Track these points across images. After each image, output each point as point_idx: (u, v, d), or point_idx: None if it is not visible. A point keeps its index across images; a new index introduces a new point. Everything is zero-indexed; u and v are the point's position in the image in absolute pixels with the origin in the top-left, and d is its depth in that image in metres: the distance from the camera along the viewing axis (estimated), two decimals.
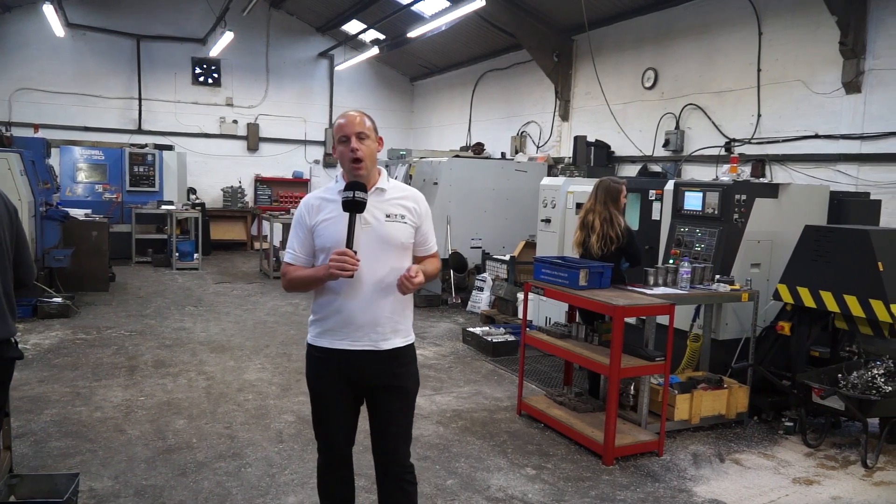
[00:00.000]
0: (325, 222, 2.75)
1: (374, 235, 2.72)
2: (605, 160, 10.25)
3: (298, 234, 2.82)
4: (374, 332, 2.75)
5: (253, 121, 15.90)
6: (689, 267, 5.35)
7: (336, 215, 2.71)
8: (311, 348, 2.87)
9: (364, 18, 14.06)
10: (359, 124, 2.73)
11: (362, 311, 2.73)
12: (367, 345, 2.75)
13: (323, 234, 2.75)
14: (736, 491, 4.26)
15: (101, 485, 4.00)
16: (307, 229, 2.80)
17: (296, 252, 2.82)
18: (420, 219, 2.86)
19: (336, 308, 2.75)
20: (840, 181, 7.10)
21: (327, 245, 2.72)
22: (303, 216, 2.83)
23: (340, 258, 2.56)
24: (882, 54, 6.83)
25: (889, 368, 4.95)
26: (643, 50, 9.87)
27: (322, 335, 2.81)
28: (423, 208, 2.89)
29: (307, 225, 2.80)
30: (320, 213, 2.78)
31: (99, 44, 14.43)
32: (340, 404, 2.85)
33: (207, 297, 9.75)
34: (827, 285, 5.09)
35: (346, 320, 2.74)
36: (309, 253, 2.81)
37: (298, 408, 5.40)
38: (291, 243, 2.85)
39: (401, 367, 2.83)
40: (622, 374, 4.59)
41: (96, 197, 12.82)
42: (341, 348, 2.76)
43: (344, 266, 2.55)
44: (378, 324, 2.75)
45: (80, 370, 6.18)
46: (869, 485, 4.41)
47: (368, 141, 2.74)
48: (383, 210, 2.76)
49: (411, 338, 2.90)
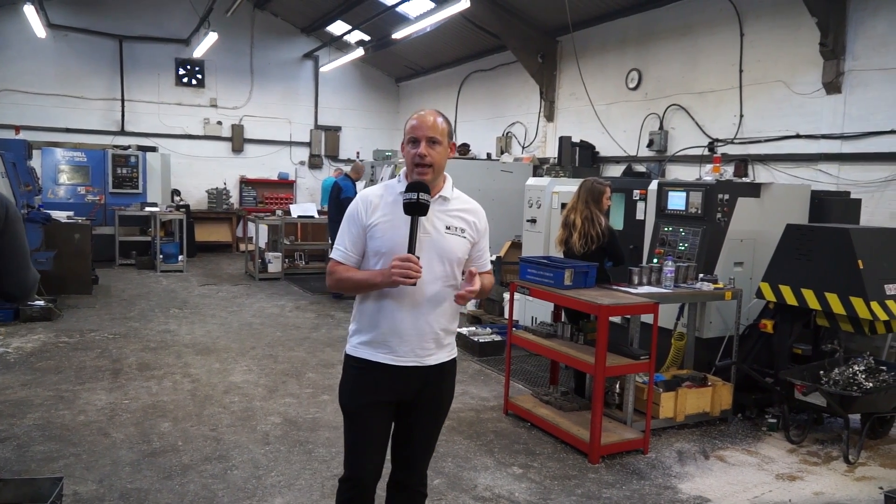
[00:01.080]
0: (383, 223, 2.55)
1: (431, 246, 2.54)
2: (589, 161, 10.31)
3: (351, 231, 2.61)
4: (420, 348, 2.59)
5: (237, 122, 15.82)
6: (673, 266, 5.40)
7: (395, 217, 2.52)
8: (350, 359, 2.67)
9: (349, 19, 14.04)
10: (431, 128, 2.52)
11: (411, 324, 2.56)
12: (412, 360, 2.59)
13: (379, 236, 2.55)
14: (720, 487, 4.30)
15: (86, 489, 3.97)
16: (362, 227, 2.59)
17: (347, 250, 2.62)
18: (479, 235, 2.70)
19: (384, 318, 2.57)
20: (821, 180, 7.19)
21: (383, 249, 2.53)
22: (358, 212, 2.61)
23: (405, 265, 2.37)
24: (861, 55, 6.93)
25: (870, 365, 5.02)
26: (627, 51, 9.94)
27: (365, 346, 2.62)
28: (483, 224, 2.73)
29: (362, 223, 2.58)
30: (377, 212, 2.57)
31: (81, 44, 14.30)
32: (377, 421, 2.65)
33: (192, 300, 9.69)
34: (808, 283, 5.15)
35: (394, 332, 2.56)
36: (359, 252, 2.62)
37: (285, 409, 5.38)
38: (342, 239, 2.63)
39: (444, 383, 2.70)
40: (607, 372, 4.62)
41: (79, 199, 12.69)
42: (384, 363, 2.58)
43: (409, 273, 2.37)
44: (425, 338, 2.59)
45: (64, 373, 6.13)
46: (851, 480, 4.47)
47: (439, 147, 2.54)
48: (443, 221, 2.59)
49: (455, 352, 2.75)
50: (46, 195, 12.10)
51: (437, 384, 2.67)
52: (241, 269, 12.71)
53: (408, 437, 2.72)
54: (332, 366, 6.60)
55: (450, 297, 2.61)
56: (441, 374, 2.67)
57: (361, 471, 2.69)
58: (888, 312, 4.90)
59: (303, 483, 4.14)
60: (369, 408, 2.63)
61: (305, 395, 5.73)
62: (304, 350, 7.20)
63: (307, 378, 6.21)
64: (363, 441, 2.67)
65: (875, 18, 6.81)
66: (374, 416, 2.64)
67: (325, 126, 16.69)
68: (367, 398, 2.62)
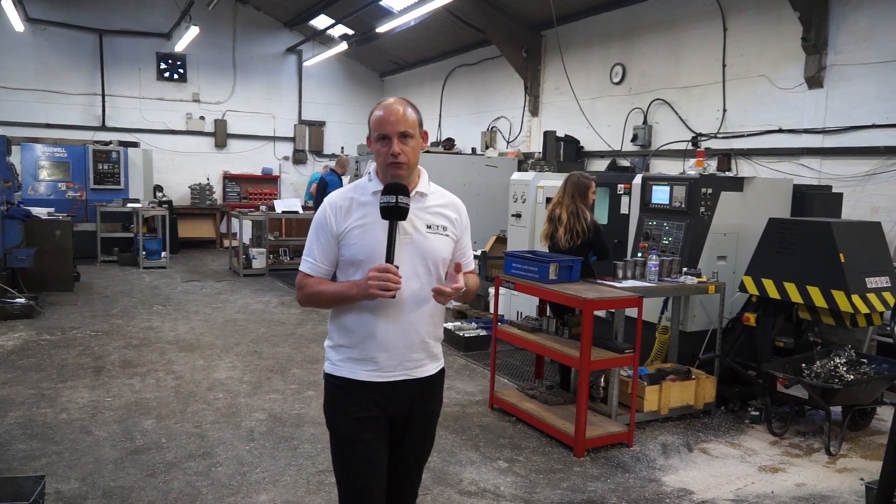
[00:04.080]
0: (357, 229, 2.32)
1: (413, 249, 2.33)
2: (574, 155, 10.33)
3: (320, 240, 2.38)
4: (408, 360, 2.38)
5: (220, 117, 15.69)
6: (657, 260, 5.43)
7: (370, 221, 2.31)
8: (332, 378, 2.44)
9: (332, 13, 13.95)
10: (401, 121, 2.29)
11: (398, 336, 2.35)
12: (400, 374, 2.38)
13: (354, 243, 2.33)
14: (704, 480, 4.34)
15: (68, 487, 3.93)
16: (332, 235, 2.36)
17: (317, 262, 2.39)
18: (461, 231, 2.50)
19: (368, 333, 2.34)
20: (803, 175, 7.25)
21: (359, 257, 2.31)
22: (327, 219, 2.37)
23: (382, 275, 2.16)
24: (843, 50, 6.98)
25: (851, 358, 5.07)
26: (611, 45, 9.96)
27: (345, 363, 2.39)
28: (465, 219, 2.54)
29: (333, 230, 2.35)
30: (350, 217, 2.34)
31: (60, 39, 14.10)
32: (370, 445, 2.38)
33: (176, 296, 9.62)
34: (790, 277, 5.20)
35: (380, 346, 2.34)
36: (332, 262, 2.40)
37: (269, 405, 5.36)
38: (310, 250, 2.41)
39: (434, 394, 2.52)
40: (592, 366, 4.64)
41: (59, 195, 12.53)
42: (370, 381, 2.36)
43: (387, 285, 2.17)
44: (413, 349, 2.39)
45: (45, 371, 6.06)
46: (832, 471, 4.52)
47: (412, 141, 2.31)
48: (423, 219, 2.38)
49: (442, 361, 2.56)
50: (26, 191, 11.92)
51: (429, 398, 2.49)
52: (225, 266, 12.62)
53: (400, 450, 2.48)
54: (317, 361, 6.57)
55: (435, 301, 2.40)
56: (432, 386, 2.49)
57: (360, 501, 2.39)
58: (869, 306, 4.96)
59: (288, 479, 4.13)
60: (363, 425, 2.37)
61: (290, 390, 5.70)
62: (289, 346, 7.17)
63: (292, 374, 6.18)
64: (361, 470, 2.38)
65: (857, 13, 6.87)
66: (370, 436, 2.38)
67: (309, 121, 16.59)
68: (359, 417, 2.37)
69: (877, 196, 6.70)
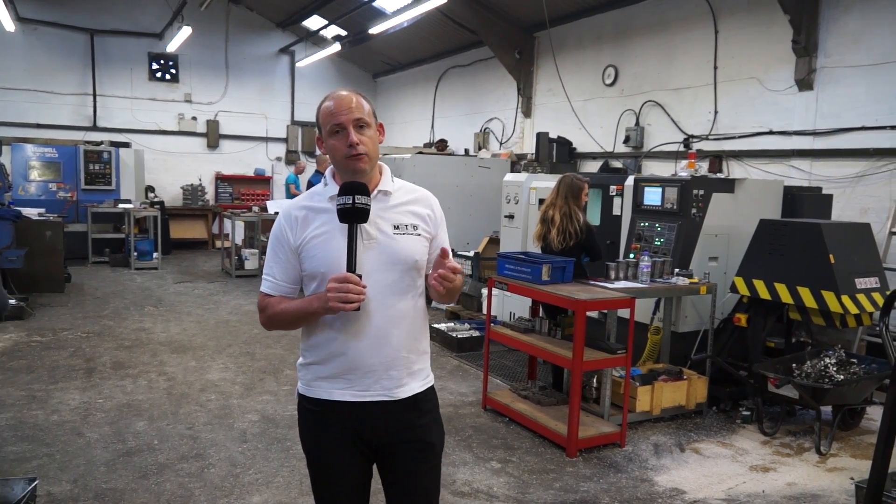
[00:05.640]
0: (316, 239, 2.11)
1: (380, 253, 2.11)
2: (566, 156, 10.35)
3: (279, 257, 2.18)
4: (386, 378, 2.14)
5: (213, 117, 15.64)
6: (649, 261, 5.45)
7: (330, 229, 2.09)
8: (304, 400, 2.25)
9: (325, 14, 13.94)
10: (356, 108, 2.07)
11: (371, 352, 2.12)
12: (378, 394, 2.15)
13: (314, 255, 2.11)
14: (695, 479, 4.36)
15: (60, 489, 3.91)
16: (290, 249, 2.15)
17: (275, 280, 2.19)
18: (435, 227, 2.24)
19: (337, 350, 2.13)
20: (794, 176, 7.29)
21: (321, 269, 2.10)
22: (283, 233, 2.17)
23: (342, 286, 1.95)
24: (833, 52, 7.03)
25: (841, 358, 5.11)
26: (603, 47, 9.99)
27: (317, 383, 2.19)
28: (439, 214, 2.27)
29: (290, 244, 2.15)
30: (308, 228, 2.13)
31: (51, 38, 14.03)
32: (348, 470, 2.20)
33: (168, 297, 9.58)
34: (781, 277, 5.23)
35: (352, 365, 2.13)
36: (293, 280, 2.19)
37: (262, 407, 5.35)
38: (270, 268, 2.20)
39: (423, 418, 2.23)
40: (585, 367, 4.66)
41: (50, 196, 12.47)
42: (345, 400, 2.14)
43: (347, 297, 1.95)
44: (391, 366, 2.14)
45: (36, 373, 6.03)
46: (822, 471, 4.56)
47: (369, 131, 2.10)
48: (390, 219, 2.14)
49: (431, 378, 2.31)
50: (17, 192, 11.85)
51: (415, 420, 2.21)
52: (218, 266, 12.59)
53: (399, 489, 2.25)
54: None
55: (413, 310, 2.19)
56: (416, 408, 2.22)
57: None
58: (858, 306, 5.00)
59: (281, 480, 4.13)
60: (335, 453, 2.19)
61: (283, 392, 5.69)
62: (282, 347, 7.16)
63: (285, 375, 6.17)
64: (329, 490, 2.23)
65: (847, 15, 6.92)
66: (342, 462, 2.19)
67: (301, 122, 16.57)
68: (331, 441, 2.19)
69: (866, 198, 6.75)
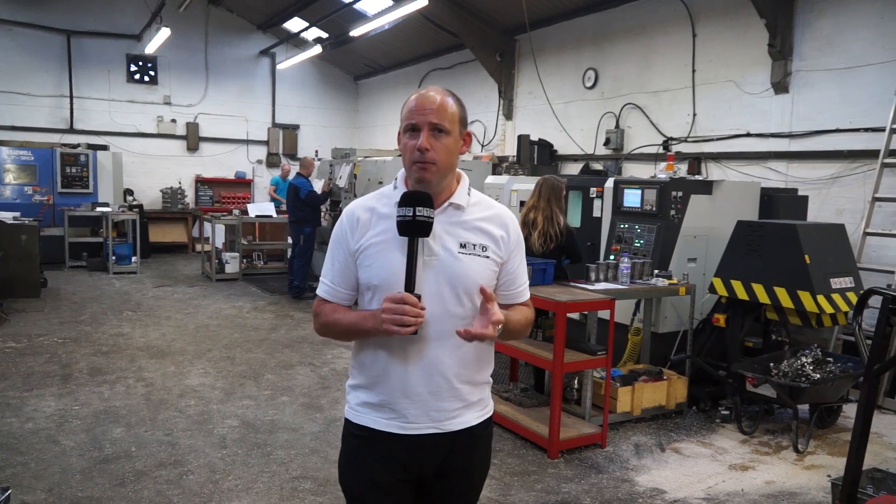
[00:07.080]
0: (375, 247, 1.92)
1: (440, 272, 1.89)
2: (548, 159, 10.40)
3: (337, 259, 2.00)
4: (434, 410, 1.95)
5: (192, 120, 15.51)
6: (628, 262, 5.48)
7: (390, 238, 1.89)
8: (350, 426, 2.04)
9: (306, 16, 13.88)
10: (437, 111, 1.86)
11: (421, 381, 1.93)
12: (427, 427, 1.95)
13: (369, 264, 1.93)
14: (676, 479, 4.39)
15: (34, 498, 3.85)
16: (349, 253, 1.96)
17: (333, 285, 2.01)
18: (509, 251, 2.01)
19: (383, 372, 1.95)
20: (770, 178, 7.38)
21: (374, 282, 1.92)
22: (344, 234, 1.98)
23: (398, 307, 1.77)
24: (808, 56, 7.13)
25: (817, 357, 5.17)
26: (583, 50, 10.05)
27: (366, 408, 2.00)
28: (514, 237, 2.02)
29: (349, 247, 1.96)
30: (369, 232, 1.94)
31: (26, 39, 13.82)
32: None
33: (147, 302, 9.48)
34: (758, 278, 5.29)
35: (399, 391, 1.94)
36: (352, 286, 2.00)
37: (242, 412, 5.30)
38: (327, 270, 2.03)
39: (474, 454, 2.06)
40: (566, 368, 4.67)
41: (26, 199, 12.28)
42: (392, 432, 1.96)
43: (403, 319, 1.77)
44: (441, 397, 1.95)
45: (10, 380, 5.93)
46: (800, 469, 4.61)
47: (446, 138, 1.87)
48: (457, 236, 1.93)
49: (490, 409, 2.13)
50: None
51: (465, 455, 2.03)
52: (198, 270, 12.48)
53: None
54: (290, 367, 6.53)
55: None
56: (470, 440, 2.03)
57: None
58: (834, 306, 5.07)
59: (261, 486, 4.09)
60: (378, 491, 1.99)
61: (264, 396, 5.65)
62: (263, 351, 7.11)
63: (266, 380, 6.12)
64: None
65: (821, 20, 7.02)
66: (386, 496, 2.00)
67: (282, 124, 16.48)
68: (376, 477, 1.99)
69: (841, 199, 6.85)
